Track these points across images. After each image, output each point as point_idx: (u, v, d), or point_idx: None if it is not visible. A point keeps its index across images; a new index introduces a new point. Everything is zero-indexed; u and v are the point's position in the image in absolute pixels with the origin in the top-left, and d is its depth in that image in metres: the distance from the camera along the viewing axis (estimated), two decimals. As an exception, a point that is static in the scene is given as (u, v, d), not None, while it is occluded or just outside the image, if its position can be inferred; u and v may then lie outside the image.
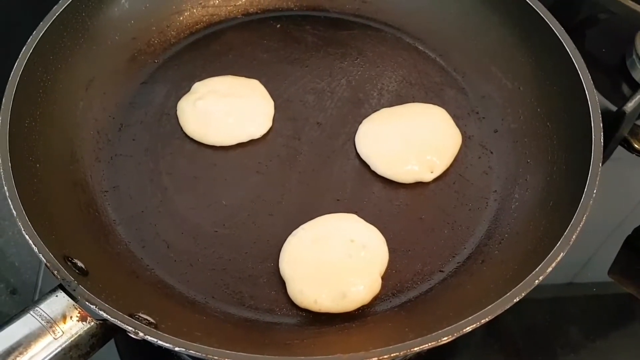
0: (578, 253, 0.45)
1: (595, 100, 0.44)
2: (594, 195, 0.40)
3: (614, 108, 0.57)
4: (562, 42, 0.48)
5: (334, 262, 0.43)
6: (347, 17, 0.58)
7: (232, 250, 0.45)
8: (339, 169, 0.49)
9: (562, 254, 0.38)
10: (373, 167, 0.49)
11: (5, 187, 0.39)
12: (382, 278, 0.43)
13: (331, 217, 0.46)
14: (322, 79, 0.54)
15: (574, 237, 0.39)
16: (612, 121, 0.55)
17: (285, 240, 0.45)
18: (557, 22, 0.50)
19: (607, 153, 0.54)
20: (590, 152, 0.42)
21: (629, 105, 0.54)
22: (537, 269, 0.38)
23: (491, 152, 0.50)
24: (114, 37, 0.52)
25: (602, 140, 0.42)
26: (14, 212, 0.38)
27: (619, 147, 0.58)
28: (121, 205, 0.46)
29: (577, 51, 0.47)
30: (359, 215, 0.46)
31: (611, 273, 0.52)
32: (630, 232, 0.53)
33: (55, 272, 0.36)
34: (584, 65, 0.46)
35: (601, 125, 0.43)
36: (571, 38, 0.52)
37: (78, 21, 0.50)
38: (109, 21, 0.52)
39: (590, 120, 0.43)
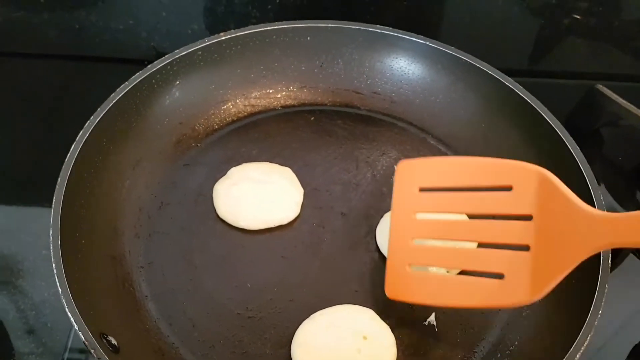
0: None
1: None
2: (599, 315, 0.43)
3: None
4: (577, 162, 0.51)
5: (343, 353, 0.45)
6: (376, 115, 0.62)
7: (253, 334, 0.47)
8: (359, 261, 0.52)
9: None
10: (391, 262, 0.52)
11: (54, 265, 0.43)
12: (393, 378, 0.45)
13: (348, 308, 0.48)
14: (349, 171, 0.58)
15: (578, 355, 0.41)
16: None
17: (302, 326, 0.47)
18: (572, 140, 0.53)
19: (617, 261, 0.56)
20: (597, 275, 0.44)
21: (641, 219, 0.57)
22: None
23: (505, 257, 0.52)
24: (163, 122, 0.57)
25: (609, 264, 0.45)
26: (60, 290, 0.42)
27: (630, 255, 0.60)
28: (154, 282, 0.49)
29: (591, 172, 0.50)
30: (374, 309, 0.48)
31: (619, 380, 0.53)
32: (637, 342, 0.54)
33: (93, 351, 0.39)
34: (597, 187, 0.49)
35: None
36: (589, 143, 0.54)
37: (132, 107, 0.55)
38: (160, 108, 0.57)
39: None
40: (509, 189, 0.43)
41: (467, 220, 0.46)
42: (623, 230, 0.38)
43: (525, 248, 0.41)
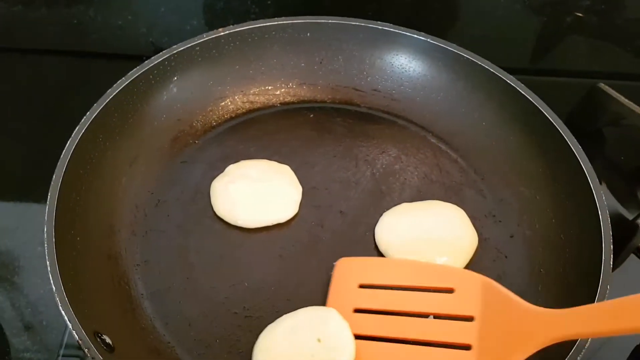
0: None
1: (607, 223, 0.46)
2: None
3: (628, 215, 0.58)
4: (578, 160, 0.50)
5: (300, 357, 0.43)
6: (376, 113, 0.61)
7: (249, 334, 0.47)
8: (357, 259, 0.52)
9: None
10: (390, 261, 0.51)
11: (48, 262, 0.42)
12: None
13: (309, 310, 0.46)
14: (348, 169, 0.57)
15: (579, 358, 0.41)
16: (625, 231, 0.56)
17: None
18: (574, 138, 0.52)
19: (619, 261, 0.55)
20: (599, 276, 0.43)
21: (643, 219, 0.56)
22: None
23: (506, 257, 0.52)
24: (160, 118, 0.57)
25: (611, 263, 0.44)
26: (54, 288, 0.41)
27: (632, 256, 0.59)
28: (150, 280, 0.49)
29: (593, 171, 0.50)
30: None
31: (619, 381, 0.53)
32: (639, 343, 0.54)
33: (86, 350, 0.39)
34: (599, 186, 0.49)
35: (611, 247, 0.45)
36: (591, 142, 0.54)
37: (129, 103, 0.54)
38: (157, 104, 0.56)
39: (601, 242, 0.45)
40: (450, 291, 0.44)
41: (407, 318, 0.45)
42: (565, 326, 0.39)
43: (467, 347, 0.42)
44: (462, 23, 0.73)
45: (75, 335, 0.39)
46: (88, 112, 0.51)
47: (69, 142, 0.49)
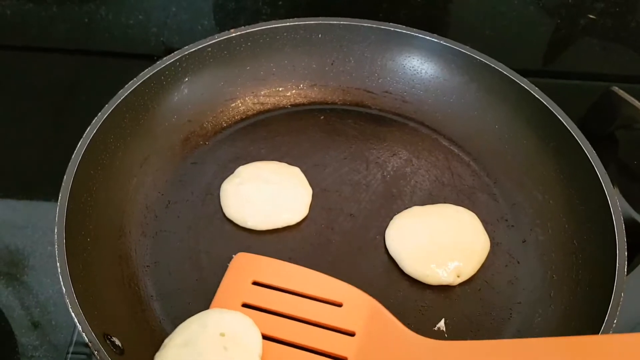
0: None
1: (622, 228, 0.46)
2: (614, 325, 0.42)
3: (643, 221, 0.58)
4: (592, 165, 0.50)
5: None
6: (387, 115, 0.61)
7: (259, 337, 0.47)
8: (367, 263, 0.51)
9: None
10: (401, 266, 0.51)
11: (58, 263, 0.42)
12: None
13: (194, 320, 0.45)
14: (359, 172, 0.57)
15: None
16: (638, 236, 0.56)
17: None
18: (588, 143, 0.52)
19: (632, 267, 0.54)
20: (613, 282, 0.43)
21: (658, 225, 0.56)
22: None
23: (518, 262, 0.51)
24: (171, 119, 0.56)
25: (625, 271, 0.44)
26: (64, 289, 0.41)
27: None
28: (160, 281, 0.49)
29: (607, 175, 0.49)
30: (383, 313, 0.47)
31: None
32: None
33: (96, 353, 0.38)
34: (613, 191, 0.48)
35: (626, 254, 0.44)
36: (604, 146, 0.53)
37: (140, 104, 0.54)
38: (168, 104, 0.56)
39: (615, 249, 0.44)
40: (339, 305, 0.46)
41: (291, 321, 0.46)
42: (439, 356, 0.42)
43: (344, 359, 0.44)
44: (475, 25, 0.72)
45: (85, 338, 0.39)
46: (100, 113, 0.51)
47: (80, 142, 0.49)
